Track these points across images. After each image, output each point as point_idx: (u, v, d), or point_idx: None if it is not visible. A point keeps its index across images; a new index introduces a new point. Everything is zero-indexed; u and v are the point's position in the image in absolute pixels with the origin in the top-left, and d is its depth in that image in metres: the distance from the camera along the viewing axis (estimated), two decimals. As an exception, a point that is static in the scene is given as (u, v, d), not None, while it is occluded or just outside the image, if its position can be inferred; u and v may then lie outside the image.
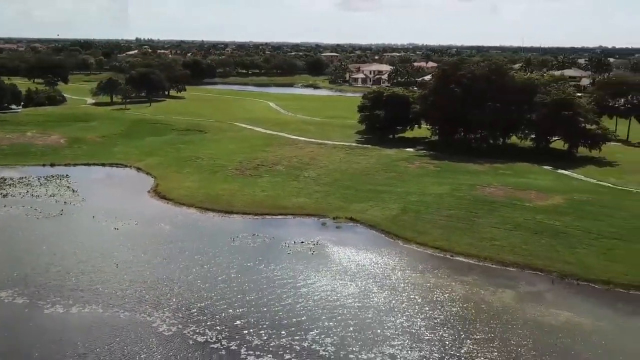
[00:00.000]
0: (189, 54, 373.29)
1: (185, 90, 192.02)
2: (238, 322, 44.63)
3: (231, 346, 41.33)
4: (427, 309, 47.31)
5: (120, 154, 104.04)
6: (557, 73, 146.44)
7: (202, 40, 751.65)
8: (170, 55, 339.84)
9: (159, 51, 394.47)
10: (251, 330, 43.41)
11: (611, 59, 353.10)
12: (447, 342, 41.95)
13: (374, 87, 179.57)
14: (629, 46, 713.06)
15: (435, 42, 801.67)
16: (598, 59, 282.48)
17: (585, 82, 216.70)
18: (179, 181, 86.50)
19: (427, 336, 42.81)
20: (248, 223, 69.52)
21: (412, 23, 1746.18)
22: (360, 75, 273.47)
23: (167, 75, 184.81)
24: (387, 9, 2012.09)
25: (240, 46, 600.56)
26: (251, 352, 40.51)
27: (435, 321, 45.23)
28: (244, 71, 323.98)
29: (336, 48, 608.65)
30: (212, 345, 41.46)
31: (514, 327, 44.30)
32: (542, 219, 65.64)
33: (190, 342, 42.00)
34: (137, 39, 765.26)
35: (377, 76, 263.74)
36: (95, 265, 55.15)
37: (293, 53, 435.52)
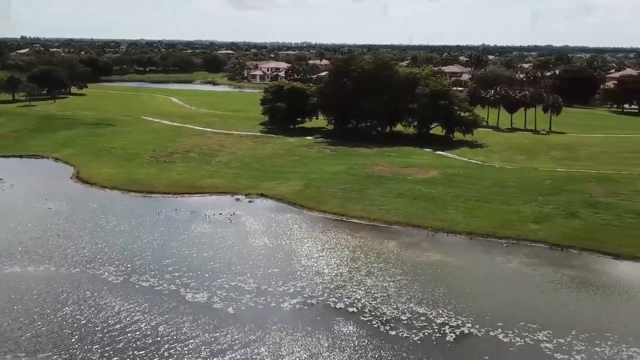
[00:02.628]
0: (82, 52, 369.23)
1: (87, 87, 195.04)
2: (171, 268, 54.18)
3: (172, 288, 50.79)
4: (327, 253, 58.75)
5: (36, 147, 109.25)
6: (435, 69, 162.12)
7: (92, 39, 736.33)
8: (63, 54, 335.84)
9: (51, 49, 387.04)
10: (185, 275, 53.01)
11: (491, 56, 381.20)
12: (343, 275, 53.40)
13: (271, 83, 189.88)
14: (510, 44, 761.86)
15: (329, 41, 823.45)
16: (477, 56, 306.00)
17: (465, 77, 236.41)
18: (98, 168, 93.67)
19: (327, 271, 54.13)
20: (169, 201, 78.41)
21: (306, 22, 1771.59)
22: (259, 72, 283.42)
23: (68, 73, 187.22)
24: (280, 8, 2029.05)
25: (133, 44, 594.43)
26: (189, 291, 50.13)
27: (333, 261, 56.73)
28: (141, 69, 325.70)
29: (231, 46, 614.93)
30: (156, 288, 50.73)
31: (396, 264, 56.31)
32: (420, 189, 78.61)
33: (137, 287, 51.07)
34: (22, 38, 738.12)
35: (275, 73, 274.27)
36: (38, 236, 62.70)
37: (189, 51, 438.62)
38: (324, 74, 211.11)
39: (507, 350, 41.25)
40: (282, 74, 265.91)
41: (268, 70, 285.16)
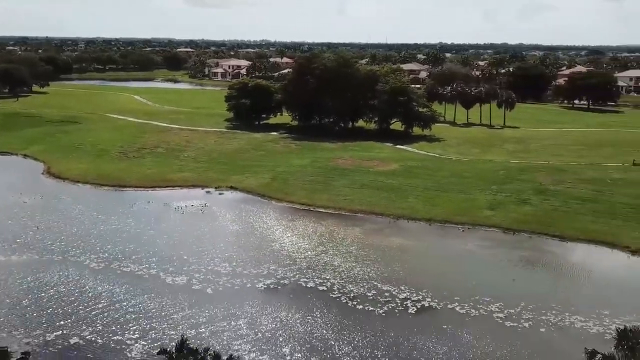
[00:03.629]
0: (39, 51, 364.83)
1: (48, 85, 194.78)
2: (150, 255, 57.33)
3: (152, 272, 53.98)
4: (296, 239, 62.76)
5: (4, 144, 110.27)
6: (394, 66, 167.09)
7: (47, 37, 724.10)
8: (20, 52, 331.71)
9: (7, 47, 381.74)
10: (164, 261, 56.20)
11: (448, 54, 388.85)
12: (312, 258, 57.34)
13: (235, 80, 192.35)
14: (466, 42, 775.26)
15: (288, 38, 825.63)
16: (435, 54, 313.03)
17: (423, 74, 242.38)
18: (69, 164, 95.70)
19: (297, 255, 58.06)
20: (141, 194, 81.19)
21: (264, 20, 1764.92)
22: (220, 70, 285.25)
23: (29, 72, 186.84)
24: (238, 6, 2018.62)
25: (90, 42, 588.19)
26: (169, 275, 53.41)
27: (303, 246, 60.72)
28: (100, 67, 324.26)
29: (190, 44, 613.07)
30: (137, 273, 53.87)
31: (361, 248, 60.49)
32: (382, 180, 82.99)
33: (119, 272, 54.11)
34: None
35: (236, 70, 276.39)
36: (18, 227, 65.12)
37: (149, 49, 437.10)
38: (285, 71, 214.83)
39: (464, 320, 45.66)
40: (243, 71, 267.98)
41: (229, 68, 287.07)
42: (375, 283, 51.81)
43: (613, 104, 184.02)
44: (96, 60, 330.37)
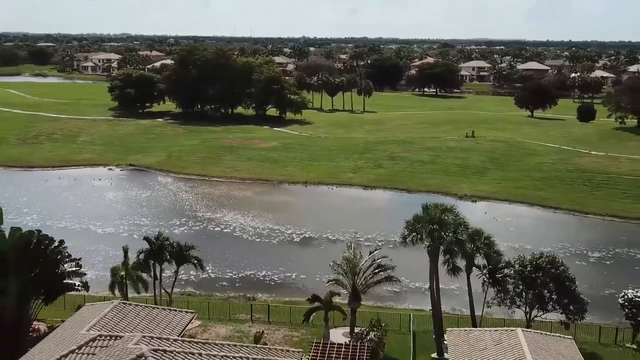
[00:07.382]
0: None
1: None
2: (78, 215, 69.14)
3: (82, 226, 65.99)
4: (198, 198, 77.31)
5: None
6: (267, 58, 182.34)
7: None
8: None
9: None
10: (91, 218, 68.19)
11: (312, 48, 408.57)
12: (214, 212, 71.65)
13: (119, 71, 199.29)
14: (329, 36, 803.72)
15: (149, 32, 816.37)
16: (300, 48, 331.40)
17: (290, 67, 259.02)
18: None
19: (202, 210, 72.38)
20: (50, 173, 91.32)
21: (124, 12, 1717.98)
22: (90, 64, 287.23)
23: None
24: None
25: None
26: (98, 228, 65.68)
27: (204, 203, 75.11)
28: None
29: (48, 38, 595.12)
30: (71, 227, 65.66)
31: (253, 203, 75.58)
32: (265, 154, 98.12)
33: (54, 228, 64.80)
34: None
35: (107, 64, 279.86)
36: (-52, 200, 73.90)
37: (10, 43, 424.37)
38: (158, 64, 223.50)
39: (334, 242, 61.94)
40: (114, 64, 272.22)
41: (100, 61, 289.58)
42: (268, 225, 66.98)
43: (457, 90, 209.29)
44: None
